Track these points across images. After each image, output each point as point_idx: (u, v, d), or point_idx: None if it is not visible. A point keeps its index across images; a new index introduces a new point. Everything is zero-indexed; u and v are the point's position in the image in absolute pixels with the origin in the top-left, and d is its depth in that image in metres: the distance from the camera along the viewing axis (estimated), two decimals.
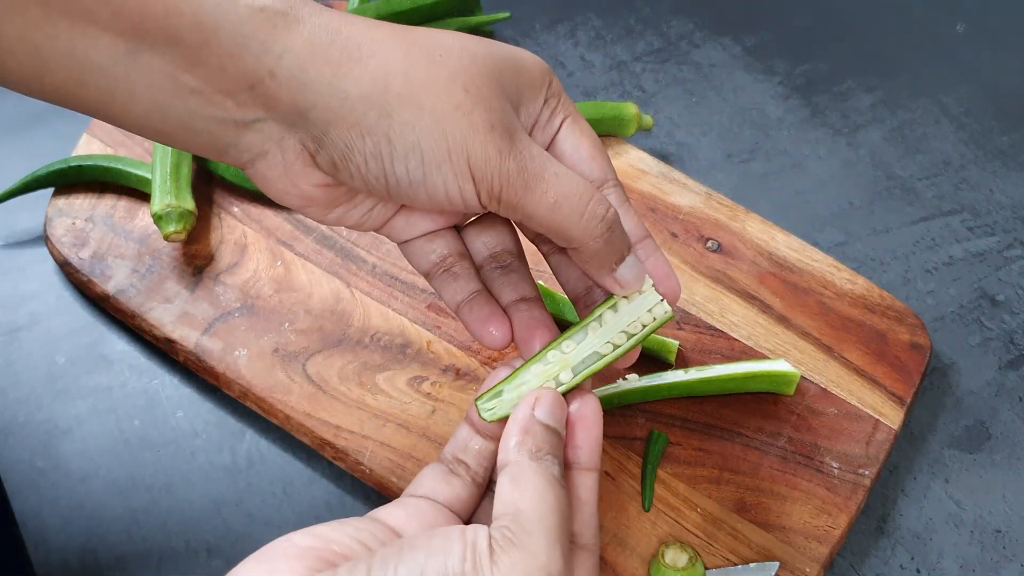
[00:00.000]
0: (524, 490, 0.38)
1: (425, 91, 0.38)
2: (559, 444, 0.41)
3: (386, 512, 0.41)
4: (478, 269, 0.46)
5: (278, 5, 0.38)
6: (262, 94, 0.38)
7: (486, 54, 0.41)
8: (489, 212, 0.43)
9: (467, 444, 0.44)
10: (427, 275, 0.46)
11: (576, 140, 0.44)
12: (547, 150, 0.43)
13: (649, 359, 0.56)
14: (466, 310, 0.45)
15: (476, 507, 0.45)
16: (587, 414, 0.42)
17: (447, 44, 0.40)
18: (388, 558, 0.35)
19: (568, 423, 0.42)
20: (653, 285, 0.44)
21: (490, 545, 0.35)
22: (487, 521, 0.42)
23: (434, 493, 0.43)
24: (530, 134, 0.43)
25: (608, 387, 0.55)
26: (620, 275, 0.43)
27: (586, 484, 0.41)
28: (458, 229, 0.46)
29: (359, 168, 0.39)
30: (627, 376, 0.55)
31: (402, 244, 0.46)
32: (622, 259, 0.42)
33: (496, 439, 0.43)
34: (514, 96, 0.41)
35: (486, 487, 0.45)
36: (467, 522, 0.44)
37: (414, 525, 0.41)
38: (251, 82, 0.38)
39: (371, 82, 0.38)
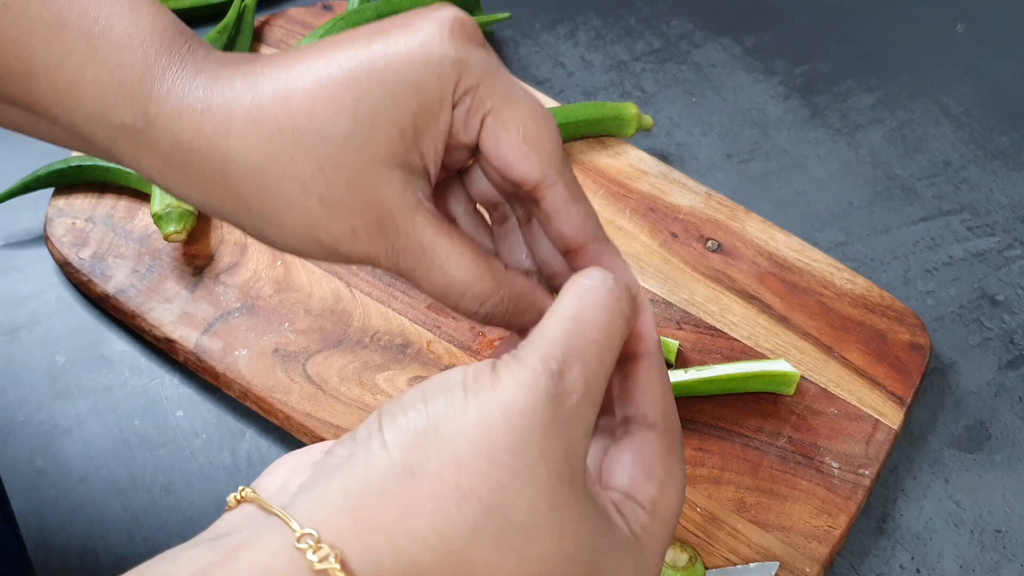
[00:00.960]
0: (595, 315, 0.34)
1: (279, 212, 0.36)
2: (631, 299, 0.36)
3: None
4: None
5: (137, 123, 0.36)
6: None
7: (348, 120, 0.35)
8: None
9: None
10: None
11: (500, 141, 0.37)
12: (476, 148, 0.38)
13: None
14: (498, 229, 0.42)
15: None
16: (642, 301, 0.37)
17: (300, 126, 0.35)
18: (392, 405, 0.33)
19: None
20: None
21: (494, 364, 0.32)
22: None
23: None
24: (450, 148, 0.38)
25: None
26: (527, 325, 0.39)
27: (645, 328, 0.37)
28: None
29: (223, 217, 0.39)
30: None
31: None
32: (529, 327, 0.38)
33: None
34: (398, 147, 0.36)
35: None
36: None
37: None
38: (148, 177, 0.38)
39: (231, 203, 0.36)
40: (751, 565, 0.51)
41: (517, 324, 0.39)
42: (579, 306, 0.33)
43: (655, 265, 0.60)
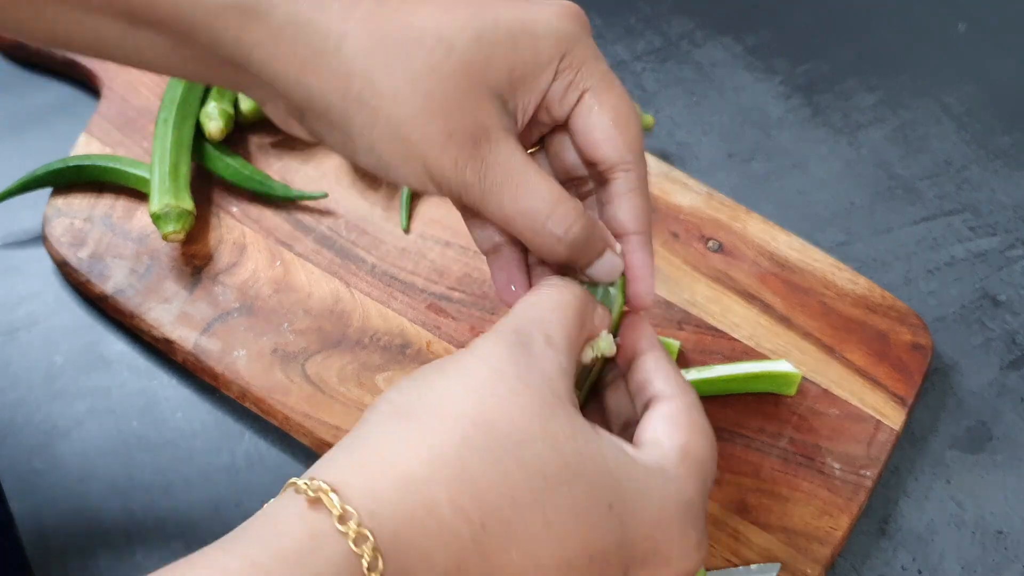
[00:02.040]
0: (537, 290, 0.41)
1: (384, 96, 0.37)
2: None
3: None
4: None
5: None
6: (246, 73, 0.40)
7: (470, 41, 0.38)
8: None
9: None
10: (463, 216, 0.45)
11: (594, 118, 0.41)
12: (564, 124, 0.42)
13: None
14: (494, 258, 0.45)
15: None
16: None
17: (425, 31, 0.38)
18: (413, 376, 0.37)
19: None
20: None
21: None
22: None
23: None
24: (541, 109, 0.41)
25: None
26: (591, 272, 0.43)
27: (644, 330, 0.42)
28: None
29: (335, 146, 0.41)
30: None
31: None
32: (591, 263, 0.42)
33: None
34: (504, 81, 0.39)
35: None
36: None
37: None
38: (234, 64, 0.39)
39: (332, 81, 0.38)
40: (752, 567, 0.51)
41: (586, 259, 0.42)
42: (536, 293, 0.40)
43: (656, 265, 0.60)
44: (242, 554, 0.31)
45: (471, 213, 0.43)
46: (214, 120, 0.61)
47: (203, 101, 0.63)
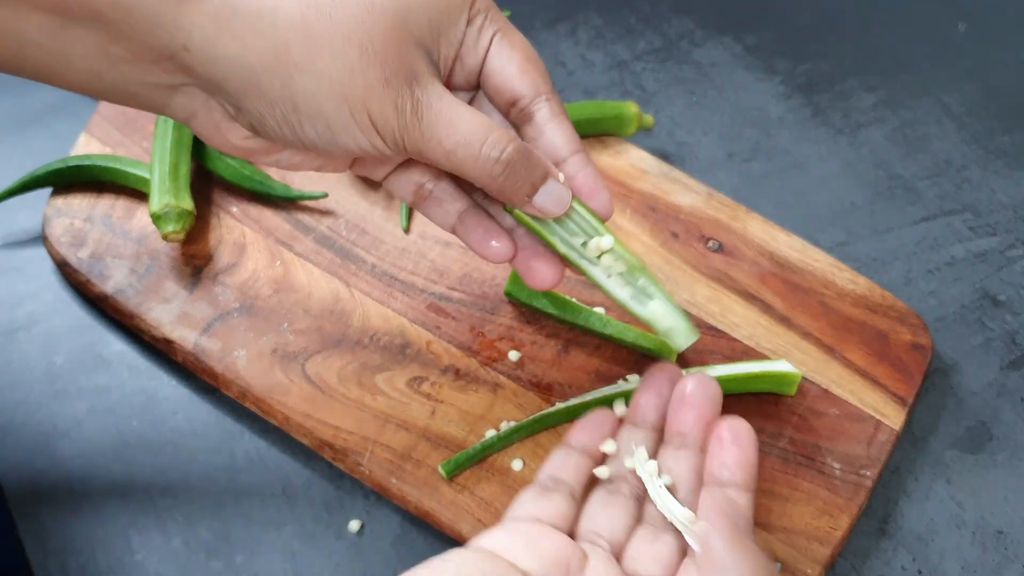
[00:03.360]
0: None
1: (321, 57, 0.40)
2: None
3: (489, 539, 0.43)
4: (471, 193, 0.49)
5: None
6: (181, 64, 0.41)
7: None
8: None
9: (564, 463, 0.48)
10: (413, 206, 0.49)
11: (506, 56, 0.45)
12: (480, 69, 0.45)
13: (650, 359, 0.56)
14: (462, 231, 0.48)
15: (575, 520, 0.47)
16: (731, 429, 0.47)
17: None
18: None
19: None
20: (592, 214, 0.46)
21: None
22: (590, 533, 0.46)
23: (535, 513, 0.46)
24: (457, 59, 0.45)
25: (608, 387, 0.54)
26: (537, 203, 0.45)
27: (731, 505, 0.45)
28: None
29: (275, 132, 0.42)
30: (628, 377, 0.55)
31: (383, 181, 0.48)
32: (535, 189, 0.45)
33: (591, 455, 0.48)
34: (426, 33, 0.42)
35: (581, 500, 0.47)
36: (571, 535, 0.46)
37: (520, 544, 0.43)
38: (170, 54, 0.40)
39: (272, 53, 0.40)
40: None
41: (530, 184, 0.44)
42: None
43: (656, 265, 0.60)
44: None
45: (393, 162, 0.47)
46: None
47: None
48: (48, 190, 0.62)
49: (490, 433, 0.54)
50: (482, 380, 0.56)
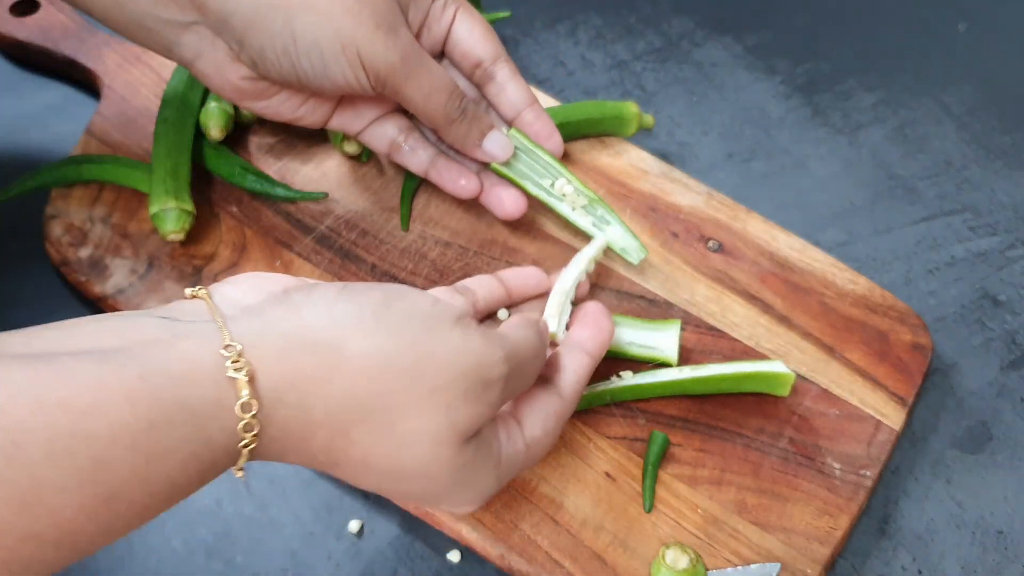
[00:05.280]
0: (525, 337, 0.44)
1: None
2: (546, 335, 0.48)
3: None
4: (437, 144, 0.58)
5: None
6: (194, 1, 0.48)
7: None
8: None
9: (483, 281, 0.52)
10: (389, 156, 0.57)
11: (468, 26, 0.54)
12: (445, 37, 0.54)
13: (642, 362, 0.56)
14: (435, 174, 0.57)
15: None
16: (594, 311, 0.51)
17: None
18: (357, 287, 0.40)
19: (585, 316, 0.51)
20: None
21: (460, 315, 0.40)
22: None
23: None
24: (424, 26, 0.53)
25: (601, 384, 0.54)
26: (486, 147, 0.55)
27: (578, 359, 0.48)
28: (404, 110, 0.56)
29: (273, 64, 0.49)
30: (620, 374, 0.55)
31: (359, 135, 0.57)
32: (484, 136, 0.55)
33: (510, 295, 0.53)
34: None
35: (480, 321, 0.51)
36: None
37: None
38: None
39: (276, 4, 0.47)
40: (752, 567, 0.51)
41: (479, 132, 0.55)
42: (514, 334, 0.43)
43: (656, 265, 0.60)
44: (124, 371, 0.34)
45: (367, 117, 0.56)
46: (214, 120, 0.61)
47: (203, 101, 0.63)
48: (48, 190, 0.62)
49: None
50: None
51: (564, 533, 0.51)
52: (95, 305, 0.60)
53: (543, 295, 0.54)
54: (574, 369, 0.47)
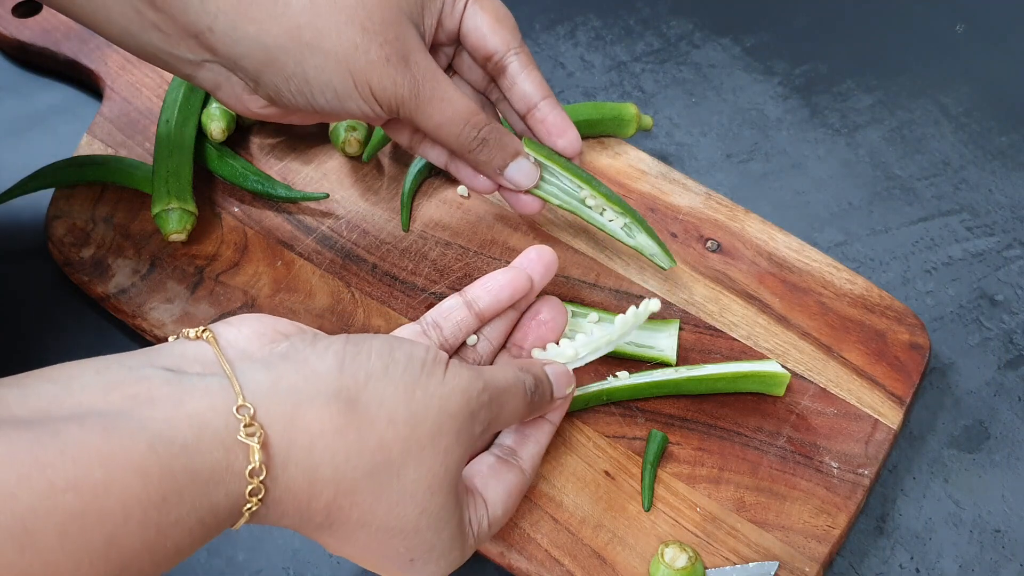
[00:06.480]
0: (503, 370, 0.45)
1: (329, 38, 0.47)
2: (547, 388, 0.48)
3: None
4: None
5: None
6: (205, 43, 0.47)
7: None
8: None
9: (450, 314, 0.49)
10: (409, 149, 0.55)
11: (478, 18, 0.52)
12: (458, 31, 0.52)
13: (640, 361, 0.56)
14: (454, 168, 0.55)
15: None
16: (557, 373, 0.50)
17: None
18: (360, 337, 0.40)
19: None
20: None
21: (444, 358, 0.41)
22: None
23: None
24: (439, 24, 0.51)
25: (597, 383, 0.55)
26: (508, 175, 0.53)
27: (542, 429, 0.49)
28: None
29: (289, 100, 0.49)
30: (617, 373, 0.55)
31: (382, 126, 0.54)
32: (506, 164, 0.53)
33: (480, 317, 0.50)
34: (414, 8, 0.49)
35: (450, 356, 0.50)
36: None
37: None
38: (196, 32, 0.47)
39: (286, 35, 0.46)
40: (750, 565, 0.51)
41: (502, 159, 0.53)
42: (504, 381, 0.44)
43: (655, 264, 0.60)
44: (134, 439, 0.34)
45: (418, 137, 0.55)
46: (216, 121, 0.61)
47: (205, 102, 0.63)
48: (51, 191, 0.62)
49: None
50: None
51: (563, 531, 0.52)
52: (98, 305, 0.60)
53: (519, 302, 0.52)
54: (536, 440, 0.49)
